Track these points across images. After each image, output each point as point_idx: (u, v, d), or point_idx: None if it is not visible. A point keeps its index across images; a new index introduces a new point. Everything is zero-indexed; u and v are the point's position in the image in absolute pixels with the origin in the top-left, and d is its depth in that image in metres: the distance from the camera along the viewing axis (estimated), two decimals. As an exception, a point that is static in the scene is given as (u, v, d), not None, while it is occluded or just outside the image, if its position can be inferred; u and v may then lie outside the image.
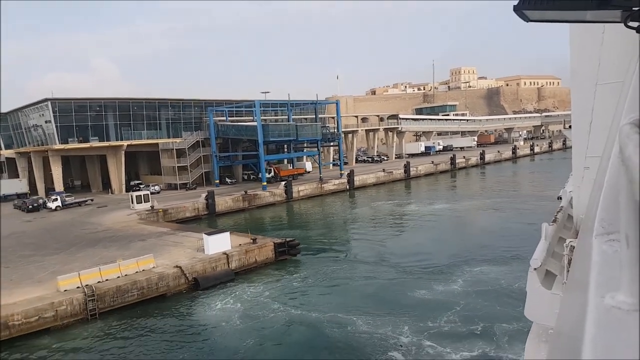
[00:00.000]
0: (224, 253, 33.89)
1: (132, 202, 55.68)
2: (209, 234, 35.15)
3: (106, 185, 78.18)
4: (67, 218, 54.79)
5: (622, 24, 2.02)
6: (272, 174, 77.20)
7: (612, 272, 1.46)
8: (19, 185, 76.87)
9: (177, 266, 31.35)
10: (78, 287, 27.68)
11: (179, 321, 27.20)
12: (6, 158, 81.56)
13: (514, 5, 2.18)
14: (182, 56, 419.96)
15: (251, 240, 36.74)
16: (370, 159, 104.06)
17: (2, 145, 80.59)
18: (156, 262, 31.80)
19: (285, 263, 36.71)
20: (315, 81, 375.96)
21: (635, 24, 1.98)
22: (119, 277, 29.38)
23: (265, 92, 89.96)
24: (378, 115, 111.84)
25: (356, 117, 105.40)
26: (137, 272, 30.20)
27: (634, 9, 1.95)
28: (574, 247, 5.02)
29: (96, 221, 50.82)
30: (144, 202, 55.66)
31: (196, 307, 28.87)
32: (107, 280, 28.82)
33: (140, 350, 23.84)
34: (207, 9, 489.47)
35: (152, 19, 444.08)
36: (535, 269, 5.74)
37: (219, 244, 34.37)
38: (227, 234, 35.47)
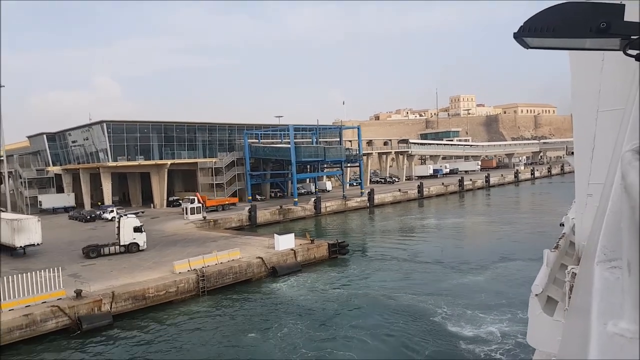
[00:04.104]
0: (292, 249, 41.31)
1: (186, 213, 63.15)
2: (279, 234, 42.66)
3: (145, 201, 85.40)
4: (127, 226, 61.83)
5: (622, 52, 2.05)
6: (197, 203, 66.44)
7: (614, 299, 1.47)
8: (67, 199, 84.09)
9: (258, 257, 38.84)
10: (189, 270, 35.01)
11: (268, 297, 34.61)
12: (54, 174, 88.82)
13: (514, 33, 2.23)
14: (183, 75, 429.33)
15: (310, 241, 44.18)
16: (382, 180, 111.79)
17: (51, 162, 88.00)
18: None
19: (337, 260, 44.20)
20: (316, 106, 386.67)
21: (634, 52, 2.00)
22: (216, 264, 36.72)
23: (279, 117, 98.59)
24: (389, 140, 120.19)
25: (370, 141, 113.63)
26: (228, 260, 37.54)
27: (632, 37, 1.98)
28: (575, 274, 5.04)
29: (159, 228, 58.01)
30: (197, 213, 63.10)
31: (278, 288, 36.34)
32: (208, 266, 36.12)
33: (245, 316, 31.20)
34: (207, 30, 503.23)
35: (151, 37, 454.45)
36: (536, 295, 5.64)
37: (286, 242, 41.89)
38: (292, 234, 43.09)
